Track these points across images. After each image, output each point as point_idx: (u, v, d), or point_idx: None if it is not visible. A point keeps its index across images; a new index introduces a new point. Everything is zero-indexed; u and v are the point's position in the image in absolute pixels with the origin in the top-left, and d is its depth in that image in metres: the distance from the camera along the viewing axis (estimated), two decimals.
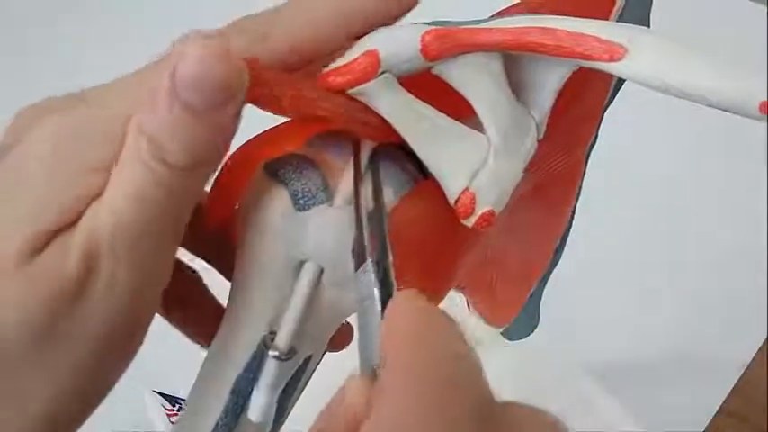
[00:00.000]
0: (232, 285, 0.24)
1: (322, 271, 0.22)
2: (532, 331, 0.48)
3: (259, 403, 0.22)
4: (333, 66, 0.21)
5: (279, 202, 0.22)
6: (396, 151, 0.23)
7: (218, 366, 0.23)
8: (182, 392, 0.59)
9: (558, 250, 0.41)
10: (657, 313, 0.61)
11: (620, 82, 0.33)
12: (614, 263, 0.63)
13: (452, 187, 0.22)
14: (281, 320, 0.22)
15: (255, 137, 0.24)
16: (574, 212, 0.39)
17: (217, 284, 0.27)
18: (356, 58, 0.21)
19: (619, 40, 0.20)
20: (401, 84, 0.22)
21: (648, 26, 0.31)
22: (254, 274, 0.23)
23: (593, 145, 0.35)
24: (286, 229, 0.22)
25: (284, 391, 0.23)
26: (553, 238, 0.40)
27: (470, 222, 0.22)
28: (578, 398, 0.56)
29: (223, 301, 0.25)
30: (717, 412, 0.55)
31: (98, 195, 0.19)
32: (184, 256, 0.26)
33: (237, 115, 0.19)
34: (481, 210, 0.22)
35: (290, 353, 0.22)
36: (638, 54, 0.20)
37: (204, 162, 0.19)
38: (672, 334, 0.60)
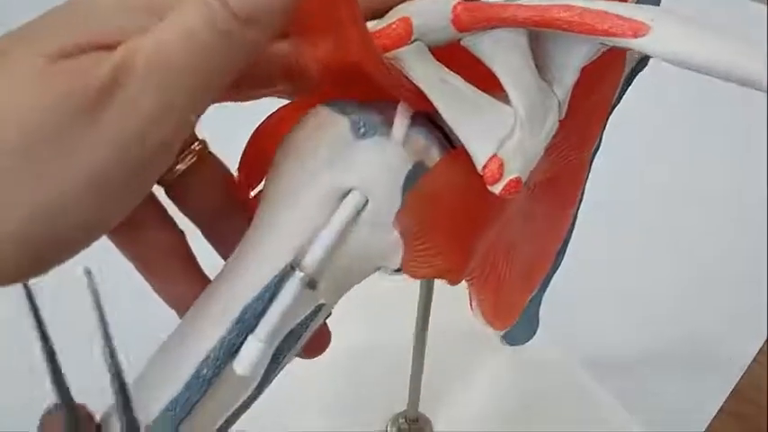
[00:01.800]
0: (256, 215, 0.23)
1: (365, 205, 0.22)
2: (531, 337, 0.48)
3: (250, 353, 0.22)
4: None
5: (336, 129, 0.23)
6: (427, 122, 0.24)
7: (226, 291, 0.22)
8: None
9: (560, 254, 0.41)
10: (658, 313, 0.61)
11: (626, 83, 0.33)
12: (614, 263, 0.63)
13: (480, 153, 0.23)
14: (307, 251, 0.22)
15: (289, 103, 0.25)
16: (576, 217, 0.39)
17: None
18: (391, 24, 0.22)
19: (641, 18, 0.20)
20: (433, 54, 0.23)
21: None
22: (291, 200, 0.23)
23: (597, 149, 0.35)
24: (339, 156, 0.22)
25: (278, 351, 0.23)
26: (556, 239, 0.40)
27: (497, 189, 0.23)
28: (579, 398, 0.56)
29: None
30: (717, 412, 0.55)
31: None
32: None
33: None
34: (508, 177, 0.23)
35: (314, 280, 0.22)
36: (662, 30, 0.20)
37: (260, 20, 0.19)
38: (672, 334, 0.60)
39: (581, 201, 0.38)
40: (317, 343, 0.26)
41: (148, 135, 0.19)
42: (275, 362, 0.23)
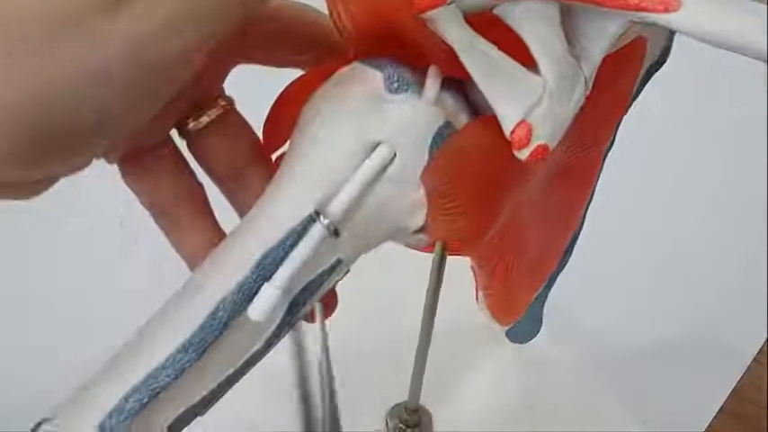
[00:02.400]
0: (282, 164, 0.24)
1: (392, 159, 0.23)
2: (535, 335, 0.48)
3: (266, 299, 0.21)
4: None
5: (370, 84, 0.23)
6: (459, 89, 0.24)
7: (248, 236, 0.23)
8: None
9: (567, 252, 0.41)
10: (657, 313, 0.61)
11: (643, 82, 0.33)
12: (616, 263, 0.63)
13: (509, 118, 0.23)
14: (331, 201, 0.22)
15: (315, 69, 0.25)
16: (585, 216, 0.39)
17: None
18: None
19: None
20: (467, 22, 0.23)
21: None
22: (318, 150, 0.23)
23: (610, 146, 0.35)
24: (370, 109, 0.23)
25: (293, 304, 0.23)
26: (565, 236, 0.40)
27: (524, 154, 0.23)
28: (579, 397, 0.56)
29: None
30: (717, 413, 0.55)
31: None
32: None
33: None
34: (536, 142, 0.23)
35: (337, 229, 0.22)
36: (693, 6, 0.20)
37: None
38: (673, 334, 0.60)
39: (591, 199, 0.38)
40: (325, 306, 0.26)
41: (165, 39, 0.19)
42: (290, 314, 0.23)
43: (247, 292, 0.22)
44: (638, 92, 0.33)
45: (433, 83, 0.23)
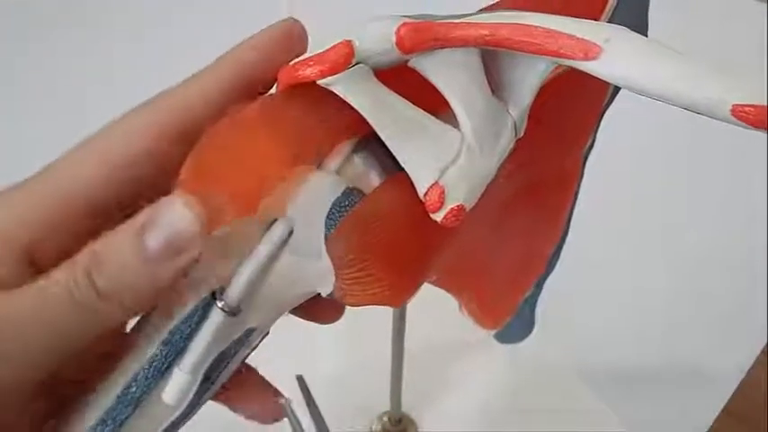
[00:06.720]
0: None
1: (290, 234, 0.22)
2: (527, 336, 0.47)
3: (177, 384, 0.21)
4: (306, 56, 0.22)
5: None
6: (376, 146, 0.23)
7: (160, 312, 0.22)
8: None
9: (554, 256, 0.41)
10: (657, 315, 0.61)
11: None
12: (613, 265, 0.63)
13: (422, 181, 0.22)
14: (230, 285, 0.22)
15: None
16: (570, 220, 0.39)
17: None
18: (331, 48, 0.21)
19: (595, 39, 0.19)
20: (378, 77, 0.22)
21: (647, 25, 0.31)
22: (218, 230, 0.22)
23: (590, 149, 0.35)
24: None
25: (208, 373, 0.22)
26: (550, 240, 0.40)
27: (439, 217, 0.22)
28: (576, 403, 0.56)
29: None
30: (719, 413, 0.55)
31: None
32: None
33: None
34: (450, 205, 0.22)
35: (237, 309, 0.22)
36: (614, 53, 0.19)
37: (123, 300, 0.20)
38: (672, 336, 0.59)
39: (575, 202, 0.38)
40: (332, 310, 0.26)
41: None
42: (207, 382, 0.23)
43: (158, 367, 0.21)
44: (613, 97, 0.33)
45: (336, 155, 0.22)
